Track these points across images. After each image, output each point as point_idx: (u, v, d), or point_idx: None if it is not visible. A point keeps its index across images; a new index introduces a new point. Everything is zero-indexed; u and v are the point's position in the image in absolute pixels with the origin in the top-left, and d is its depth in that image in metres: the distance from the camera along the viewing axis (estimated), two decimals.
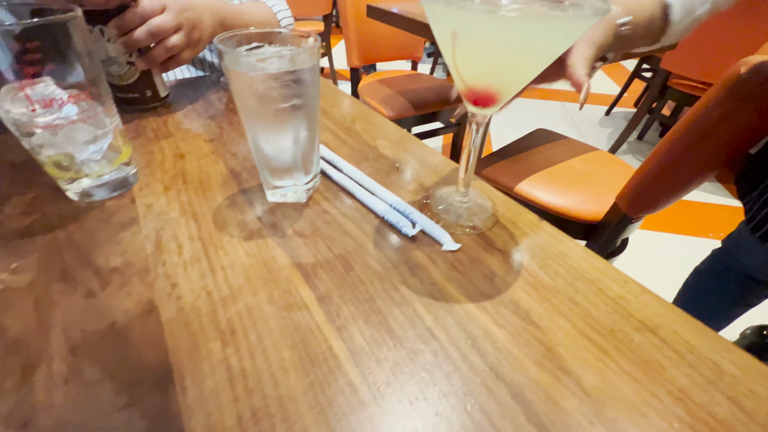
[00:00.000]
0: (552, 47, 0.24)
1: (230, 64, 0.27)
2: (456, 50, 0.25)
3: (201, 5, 0.51)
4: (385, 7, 1.25)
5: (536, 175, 1.00)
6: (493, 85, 0.27)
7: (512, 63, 0.25)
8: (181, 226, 0.32)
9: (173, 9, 0.46)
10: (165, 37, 0.46)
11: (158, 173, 0.39)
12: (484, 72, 0.26)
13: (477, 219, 0.34)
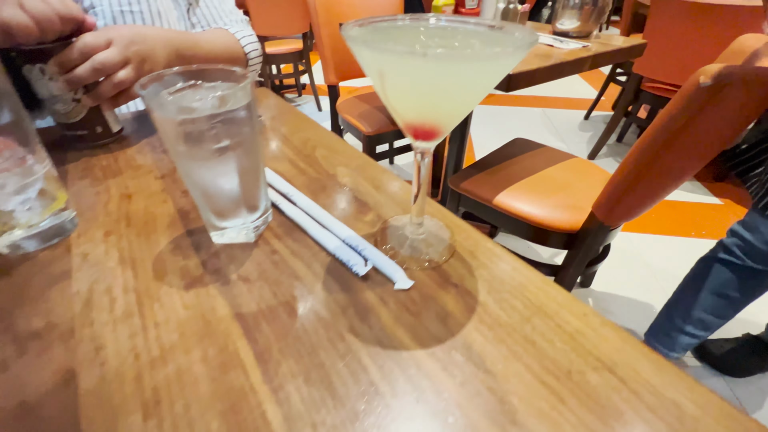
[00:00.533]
0: (483, 84, 0.23)
1: (154, 108, 0.25)
2: (386, 89, 0.24)
3: (153, 37, 0.50)
4: None
5: (514, 186, 0.99)
6: (429, 121, 0.26)
7: (444, 101, 0.24)
8: (117, 276, 0.30)
9: (120, 43, 0.45)
10: (111, 72, 0.44)
11: (101, 217, 0.37)
12: (418, 110, 0.25)
13: (433, 251, 0.33)
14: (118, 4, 0.57)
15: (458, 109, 0.25)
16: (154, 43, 0.50)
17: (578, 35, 1.09)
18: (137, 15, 0.59)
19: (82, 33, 0.42)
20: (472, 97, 0.25)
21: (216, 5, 0.72)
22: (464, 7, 1.10)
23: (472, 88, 0.23)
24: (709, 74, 0.54)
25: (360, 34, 0.26)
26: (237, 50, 0.69)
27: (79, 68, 0.42)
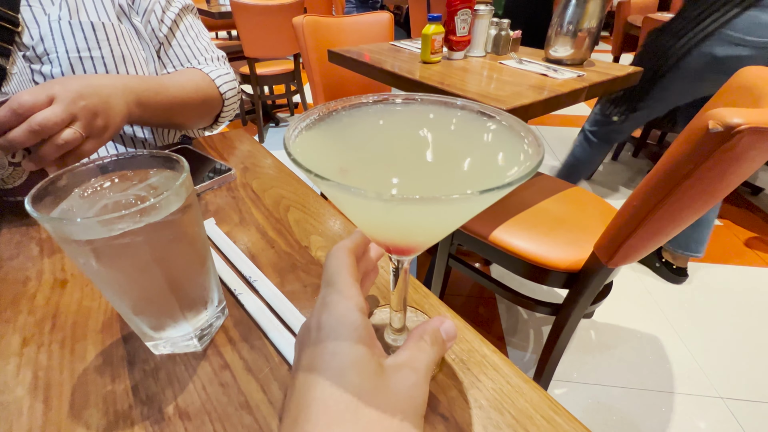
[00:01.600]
0: (468, 215, 0.19)
1: (55, 230, 0.20)
2: (345, 211, 0.19)
3: (107, 87, 0.45)
4: (345, 52, 1.22)
5: (511, 221, 0.94)
6: (399, 245, 0.22)
7: (417, 233, 0.20)
8: (23, 413, 0.24)
9: (64, 99, 0.39)
10: (54, 132, 0.39)
11: (23, 315, 0.31)
12: (385, 237, 0.21)
13: None
14: (75, 50, 0.52)
15: (434, 236, 0.21)
16: (109, 94, 0.45)
17: (572, 62, 1.06)
18: (98, 60, 0.54)
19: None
20: (453, 226, 0.21)
21: (189, 44, 0.66)
22: (455, 35, 1.07)
23: (453, 221, 0.19)
24: (718, 119, 0.50)
25: (304, 144, 0.20)
26: (210, 91, 0.63)
27: (13, 131, 0.37)
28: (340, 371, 0.17)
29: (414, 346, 0.20)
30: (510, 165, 0.19)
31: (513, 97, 0.82)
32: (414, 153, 0.21)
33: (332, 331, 0.18)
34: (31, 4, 0.51)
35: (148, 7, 0.60)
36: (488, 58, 1.15)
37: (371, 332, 0.19)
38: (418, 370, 0.18)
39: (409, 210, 0.16)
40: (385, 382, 0.17)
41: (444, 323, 0.22)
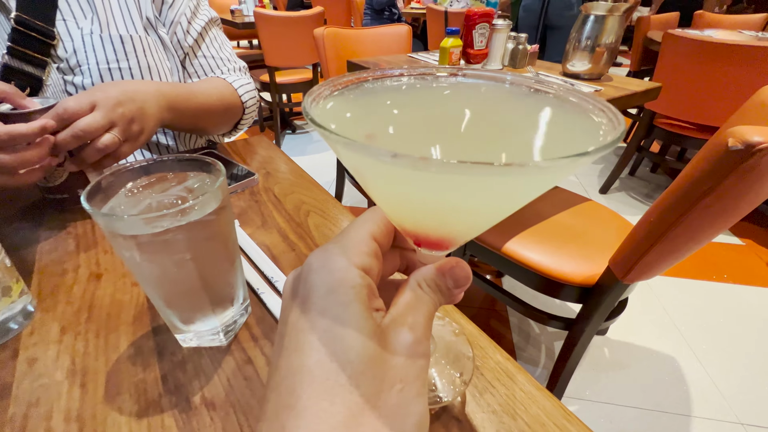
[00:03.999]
0: (525, 197, 0.16)
1: (105, 225, 0.22)
2: (370, 190, 0.17)
3: (143, 93, 0.47)
4: (364, 62, 1.25)
5: (525, 233, 0.94)
6: (434, 235, 0.18)
7: (455, 219, 0.17)
8: (62, 396, 0.26)
9: (104, 106, 0.42)
10: (94, 137, 0.42)
11: (61, 305, 0.33)
12: (417, 224, 0.18)
13: (445, 384, 0.24)
14: (105, 62, 0.56)
15: (477, 225, 0.18)
16: (145, 100, 0.47)
17: (589, 77, 1.06)
18: (126, 71, 0.57)
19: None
20: (502, 212, 0.17)
21: (213, 54, 0.70)
22: (473, 48, 1.09)
23: (503, 205, 0.16)
24: (738, 137, 0.50)
25: (327, 108, 0.17)
26: (233, 99, 0.66)
27: (59, 135, 0.39)
28: (329, 334, 0.14)
29: (411, 294, 0.17)
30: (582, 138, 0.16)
31: None
32: (458, 122, 0.18)
33: (323, 287, 0.15)
34: (65, 18, 0.54)
35: (174, 20, 0.64)
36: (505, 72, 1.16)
37: (371, 289, 0.16)
38: (416, 326, 0.16)
39: (450, 183, 0.13)
40: (382, 346, 0.15)
41: (453, 267, 0.18)
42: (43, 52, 0.52)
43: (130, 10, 0.59)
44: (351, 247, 0.16)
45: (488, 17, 1.07)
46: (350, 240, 0.17)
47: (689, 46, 1.50)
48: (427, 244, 0.19)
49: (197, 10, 0.67)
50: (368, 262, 0.16)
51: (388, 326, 0.15)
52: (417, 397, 0.15)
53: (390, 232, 0.19)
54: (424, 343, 0.16)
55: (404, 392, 0.14)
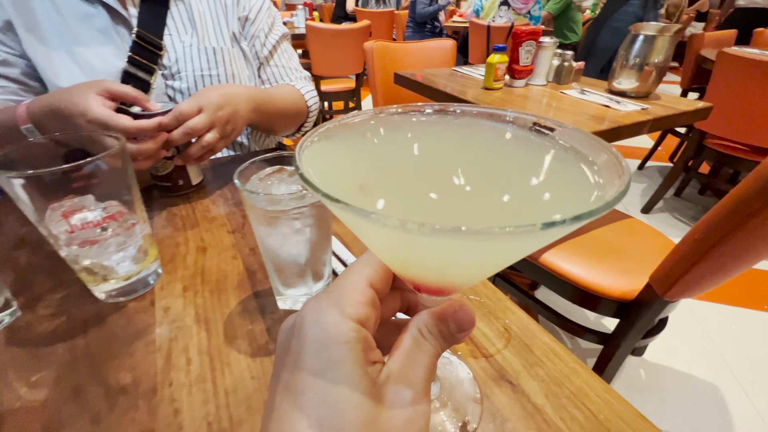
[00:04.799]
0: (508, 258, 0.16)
1: (248, 199, 0.29)
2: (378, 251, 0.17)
3: (237, 97, 0.56)
4: (410, 75, 1.32)
5: (564, 245, 0.96)
6: (434, 285, 0.18)
7: (452, 272, 0.17)
8: (193, 336, 0.33)
9: (208, 109, 0.51)
10: (199, 135, 0.50)
11: (180, 270, 0.41)
12: (419, 276, 0.17)
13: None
14: (200, 69, 0.66)
15: (474, 277, 0.18)
16: (238, 103, 0.56)
17: (636, 95, 1.07)
18: (215, 78, 0.67)
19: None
20: (497, 266, 0.17)
21: (284, 64, 0.80)
22: (518, 64, 1.13)
23: (498, 261, 0.16)
24: None
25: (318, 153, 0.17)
26: (302, 104, 0.76)
27: (173, 133, 0.48)
28: (320, 397, 0.14)
29: (411, 342, 0.16)
30: (577, 192, 0.15)
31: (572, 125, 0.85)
32: (453, 170, 0.17)
33: (316, 344, 0.15)
34: (171, 33, 0.64)
35: (254, 34, 0.74)
36: (549, 87, 1.19)
37: (366, 343, 0.15)
38: (416, 380, 0.15)
39: (443, 244, 0.13)
40: (377, 409, 0.14)
41: (456, 311, 0.17)
42: (153, 60, 0.62)
43: (221, 26, 0.69)
44: (346, 297, 0.16)
45: (535, 35, 1.11)
46: (345, 289, 0.16)
47: (746, 66, 1.46)
48: (427, 290, 0.18)
49: (273, 26, 0.77)
50: (364, 312, 0.16)
51: (385, 383, 0.15)
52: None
53: (389, 277, 0.18)
54: (423, 400, 0.15)
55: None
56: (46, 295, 0.37)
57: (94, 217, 0.32)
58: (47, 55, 0.58)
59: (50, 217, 0.31)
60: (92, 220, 0.32)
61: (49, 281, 0.39)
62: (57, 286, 0.39)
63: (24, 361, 0.31)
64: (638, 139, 2.97)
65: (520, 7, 2.48)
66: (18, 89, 0.58)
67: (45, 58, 0.58)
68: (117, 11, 0.59)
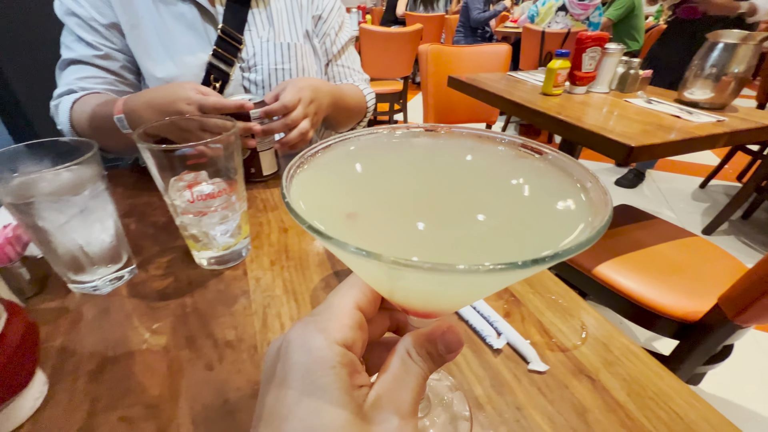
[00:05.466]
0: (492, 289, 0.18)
1: None
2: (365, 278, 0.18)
3: (322, 91, 0.61)
4: (466, 79, 1.33)
5: (619, 259, 0.93)
6: (421, 310, 0.18)
7: (438, 301, 0.17)
8: (284, 305, 0.36)
9: (304, 102, 0.56)
10: (295, 126, 0.55)
11: (265, 246, 0.45)
12: (407, 303, 0.18)
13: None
14: (274, 63, 0.71)
15: (460, 303, 0.19)
16: (323, 96, 0.61)
17: (710, 106, 1.01)
18: (287, 72, 0.72)
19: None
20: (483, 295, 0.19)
21: (349, 65, 0.85)
22: (580, 70, 1.10)
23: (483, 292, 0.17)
24: None
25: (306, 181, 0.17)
26: (363, 104, 0.81)
27: (275, 123, 0.53)
28: (305, 424, 0.13)
29: (399, 364, 0.16)
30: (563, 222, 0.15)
31: (641, 135, 0.82)
32: (442, 198, 0.18)
33: (301, 369, 0.14)
34: (251, 29, 0.70)
35: (325, 32, 0.79)
36: (611, 95, 1.15)
37: (353, 366, 0.15)
38: (403, 405, 0.15)
39: (426, 278, 0.13)
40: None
41: (445, 333, 0.17)
42: (233, 54, 0.68)
43: (296, 24, 0.74)
44: (333, 321, 0.16)
45: (601, 41, 1.07)
46: (332, 313, 0.16)
47: None
48: (415, 314, 0.19)
49: (342, 26, 0.82)
50: (351, 336, 0.16)
51: (372, 407, 0.15)
52: None
53: (376, 299, 0.18)
54: (411, 423, 0.15)
55: None
56: (154, 259, 0.42)
57: (210, 191, 0.36)
58: (146, 48, 0.65)
59: (173, 187, 0.36)
60: (209, 193, 0.36)
61: (155, 246, 0.44)
62: (163, 252, 0.43)
63: (144, 311, 0.35)
64: (701, 155, 2.77)
65: (578, 13, 2.40)
66: (115, 80, 0.66)
67: (144, 51, 0.65)
68: (206, 9, 0.66)
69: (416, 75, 4.26)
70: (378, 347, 0.19)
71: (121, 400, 0.28)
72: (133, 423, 0.26)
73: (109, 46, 0.63)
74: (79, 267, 0.35)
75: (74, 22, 0.61)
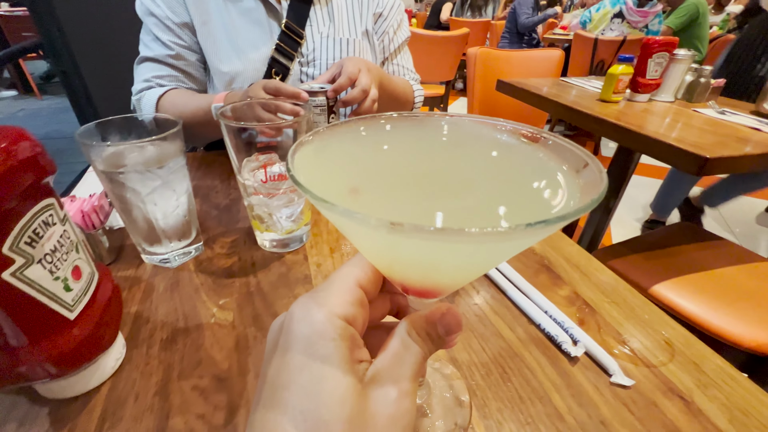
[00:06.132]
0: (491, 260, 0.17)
1: None
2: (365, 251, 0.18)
3: (375, 67, 0.63)
4: (516, 83, 1.29)
5: (679, 279, 0.86)
6: (419, 287, 0.18)
7: (438, 274, 0.17)
8: None
9: (364, 70, 0.57)
10: (368, 93, 0.55)
11: (324, 234, 0.45)
12: (405, 278, 0.18)
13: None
14: (332, 58, 0.72)
15: (461, 278, 0.18)
16: (375, 71, 0.62)
17: None
18: None
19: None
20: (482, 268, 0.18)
21: (403, 63, 0.86)
22: (644, 77, 1.04)
23: (481, 263, 0.16)
24: None
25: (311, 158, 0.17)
26: (410, 98, 0.82)
27: (354, 91, 0.54)
28: (305, 391, 0.14)
29: (399, 344, 0.16)
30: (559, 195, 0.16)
31: (716, 146, 0.76)
32: (444, 175, 0.18)
33: (303, 340, 0.15)
34: (312, 24, 0.71)
35: (384, 30, 0.79)
36: (677, 104, 1.08)
37: (353, 341, 0.15)
38: (401, 379, 0.15)
39: (422, 245, 0.13)
40: (361, 406, 0.14)
41: (444, 315, 0.17)
42: (294, 49, 0.69)
43: (355, 21, 0.75)
44: (334, 297, 0.16)
45: (669, 46, 1.01)
46: (335, 289, 0.16)
47: None
48: (414, 292, 0.19)
49: (401, 25, 0.82)
50: (352, 311, 0.16)
51: (371, 380, 0.15)
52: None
53: (378, 279, 0.18)
54: (409, 398, 0.15)
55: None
56: (219, 238, 0.43)
57: (281, 171, 0.36)
58: (214, 44, 0.68)
59: (246, 167, 0.36)
60: (280, 173, 0.36)
61: (219, 227, 0.45)
62: (227, 232, 0.44)
63: (211, 287, 0.36)
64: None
65: (636, 20, 2.28)
66: (184, 78, 0.69)
67: (213, 46, 0.68)
68: (272, 5, 0.67)
69: (457, 81, 4.22)
70: (378, 330, 0.19)
71: (192, 370, 0.28)
72: (204, 393, 0.26)
73: (180, 44, 0.67)
74: (154, 238, 0.37)
75: (152, 22, 0.65)
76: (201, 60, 0.70)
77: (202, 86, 0.72)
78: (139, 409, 0.25)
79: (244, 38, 0.68)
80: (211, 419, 0.25)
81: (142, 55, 0.67)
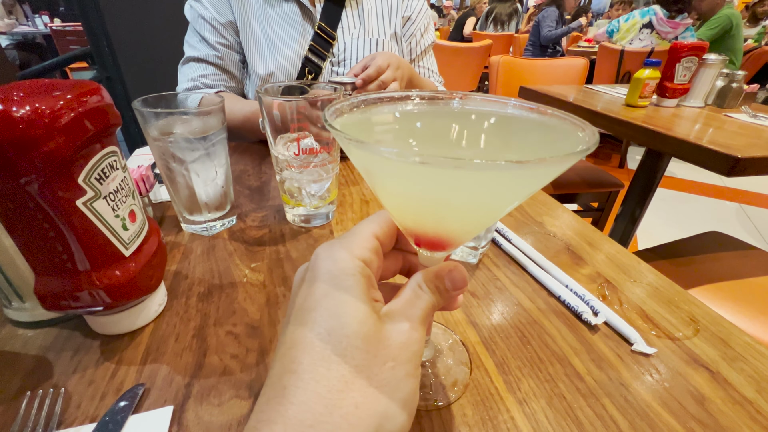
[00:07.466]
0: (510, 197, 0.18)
1: None
2: (375, 187, 0.19)
3: (405, 64, 0.65)
4: (539, 89, 1.30)
5: (709, 287, 0.83)
6: (432, 234, 0.19)
7: (453, 215, 0.18)
8: None
9: (392, 67, 0.60)
10: (387, 86, 0.59)
11: (349, 213, 0.47)
12: (416, 219, 0.19)
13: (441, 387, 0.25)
14: (362, 58, 0.75)
15: (470, 223, 0.19)
16: (406, 68, 0.65)
17: None
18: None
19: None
20: (491, 211, 0.19)
21: (429, 67, 0.89)
22: (671, 82, 1.03)
23: (491, 204, 0.17)
24: None
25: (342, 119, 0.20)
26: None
27: (371, 85, 0.57)
28: (329, 312, 0.16)
29: (410, 292, 0.18)
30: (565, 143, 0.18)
31: (748, 147, 0.74)
32: (460, 137, 0.21)
33: (327, 274, 0.17)
34: (343, 26, 0.74)
35: (412, 33, 0.82)
36: (707, 110, 1.05)
37: (370, 280, 0.17)
38: (412, 317, 0.17)
39: (441, 178, 0.15)
40: (378, 328, 0.16)
41: (452, 271, 0.19)
42: (326, 49, 0.73)
43: (385, 23, 0.78)
44: (354, 242, 0.18)
45: (699, 50, 0.99)
46: (354, 236, 0.19)
47: None
48: (426, 244, 0.20)
49: (428, 28, 0.85)
50: (369, 256, 0.18)
51: (384, 315, 0.17)
52: (407, 377, 0.16)
53: (393, 233, 0.20)
54: (418, 330, 0.17)
55: (395, 370, 0.15)
56: (250, 213, 0.46)
57: (313, 146, 0.38)
58: (254, 45, 0.72)
59: (280, 142, 0.39)
60: (312, 147, 0.38)
61: (251, 204, 0.48)
62: (257, 208, 0.47)
63: (244, 252, 0.38)
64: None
65: (666, 31, 2.25)
66: (225, 77, 0.74)
67: (252, 47, 0.72)
68: (307, 8, 0.72)
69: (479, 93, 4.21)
70: (389, 288, 0.21)
71: (227, 318, 0.30)
72: (238, 337, 0.28)
73: (224, 44, 0.72)
74: (194, 207, 0.40)
75: (200, 24, 0.70)
76: (242, 60, 0.75)
77: (240, 84, 0.77)
78: (179, 347, 0.27)
79: (281, 39, 0.72)
80: (244, 359, 0.27)
81: (187, 56, 0.72)
